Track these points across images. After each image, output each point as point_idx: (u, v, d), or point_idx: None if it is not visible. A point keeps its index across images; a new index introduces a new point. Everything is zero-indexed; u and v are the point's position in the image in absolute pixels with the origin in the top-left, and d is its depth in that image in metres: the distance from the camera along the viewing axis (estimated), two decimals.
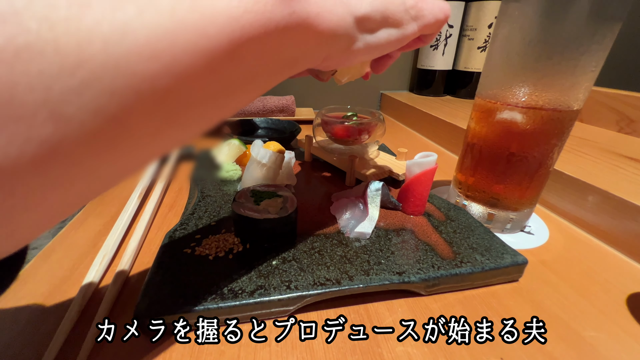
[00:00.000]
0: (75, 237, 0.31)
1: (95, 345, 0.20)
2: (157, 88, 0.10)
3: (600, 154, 0.44)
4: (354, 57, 0.18)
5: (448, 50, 0.83)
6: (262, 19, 0.12)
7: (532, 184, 0.31)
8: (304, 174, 0.44)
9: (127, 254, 0.28)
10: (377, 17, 0.17)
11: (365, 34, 0.17)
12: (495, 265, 0.26)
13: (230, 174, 0.40)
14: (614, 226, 0.32)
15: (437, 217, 0.33)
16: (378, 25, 0.18)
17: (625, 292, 0.27)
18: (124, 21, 0.09)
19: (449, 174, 0.47)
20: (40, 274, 0.27)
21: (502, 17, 0.29)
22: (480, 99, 0.32)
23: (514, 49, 0.27)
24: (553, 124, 0.28)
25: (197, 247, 0.27)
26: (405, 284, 0.24)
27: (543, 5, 0.25)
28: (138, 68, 0.10)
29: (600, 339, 0.22)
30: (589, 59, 0.25)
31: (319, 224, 0.31)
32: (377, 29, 0.18)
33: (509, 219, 0.33)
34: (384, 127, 0.44)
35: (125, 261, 0.27)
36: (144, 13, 0.09)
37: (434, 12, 0.20)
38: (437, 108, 0.72)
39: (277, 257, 0.26)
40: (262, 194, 0.30)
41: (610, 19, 0.24)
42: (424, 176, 0.32)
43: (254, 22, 0.12)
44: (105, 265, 0.27)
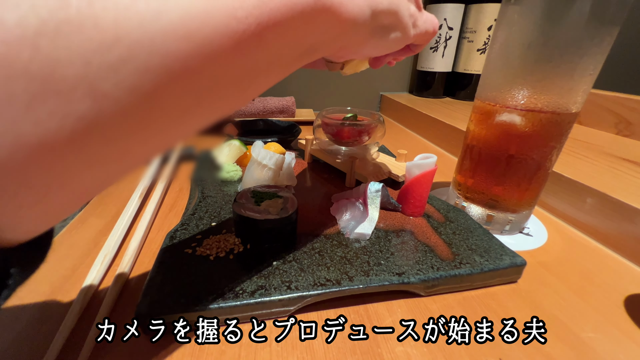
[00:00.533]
0: (76, 237, 0.32)
1: (95, 345, 0.20)
2: (188, 67, 0.10)
3: (598, 157, 0.44)
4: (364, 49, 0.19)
5: (448, 52, 0.83)
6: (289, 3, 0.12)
7: (531, 186, 0.31)
8: (304, 175, 0.45)
9: (128, 254, 0.28)
10: (389, 15, 0.18)
11: (377, 28, 0.18)
12: (494, 266, 0.26)
13: (231, 175, 0.40)
14: (612, 228, 0.33)
15: (437, 218, 0.33)
16: (388, 23, 0.19)
17: (623, 294, 0.27)
18: (158, 1, 0.09)
19: (449, 176, 0.47)
20: (40, 273, 0.27)
21: (501, 20, 0.29)
22: (479, 101, 0.32)
23: (513, 51, 0.28)
24: (552, 127, 0.28)
25: (198, 247, 0.27)
26: (404, 284, 0.24)
27: (542, 8, 0.25)
28: (172, 47, 0.10)
29: (598, 339, 0.22)
30: (588, 62, 0.26)
31: (319, 225, 0.31)
32: (387, 26, 0.19)
33: (507, 221, 0.33)
34: (384, 129, 0.44)
35: (126, 261, 0.27)
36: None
37: (426, 24, 0.22)
38: (436, 110, 0.72)
39: (277, 257, 0.26)
40: (262, 195, 0.30)
41: (608, 23, 0.25)
42: (424, 178, 0.32)
43: (282, 7, 0.12)
44: (106, 265, 0.27)
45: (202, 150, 0.49)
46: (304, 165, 0.48)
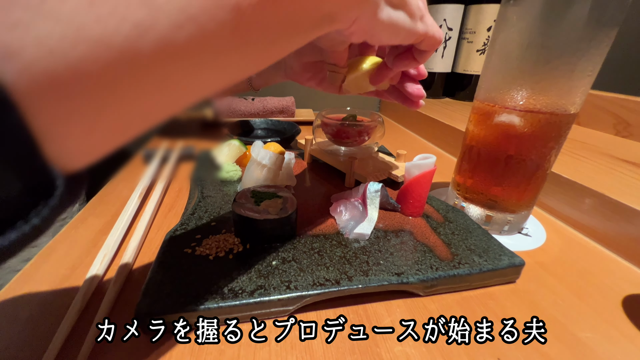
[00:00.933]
0: (76, 236, 0.32)
1: (95, 345, 0.20)
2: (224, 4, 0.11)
3: (597, 157, 0.44)
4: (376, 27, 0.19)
5: (447, 53, 0.84)
6: None
7: (530, 187, 0.32)
8: (303, 175, 0.45)
9: (128, 253, 0.28)
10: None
11: (388, 6, 0.19)
12: (493, 266, 0.26)
13: (231, 175, 0.40)
14: (610, 229, 0.33)
15: (436, 218, 0.33)
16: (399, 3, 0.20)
17: (621, 294, 0.27)
18: None
19: (448, 176, 0.48)
20: (40, 273, 0.27)
21: (500, 21, 0.29)
22: (478, 102, 0.32)
23: (513, 52, 0.28)
24: (550, 127, 0.28)
25: (197, 247, 0.27)
26: (403, 284, 0.25)
27: (541, 9, 0.26)
28: None
29: (596, 340, 0.23)
30: (586, 63, 0.26)
31: (319, 225, 0.31)
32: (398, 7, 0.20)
33: (506, 221, 0.33)
34: (383, 129, 0.44)
35: (126, 261, 0.27)
36: None
37: (434, 28, 0.23)
38: (436, 110, 0.72)
39: (276, 257, 0.26)
40: (262, 195, 0.30)
41: (607, 24, 0.25)
42: (423, 178, 0.32)
43: None
44: (105, 264, 0.27)
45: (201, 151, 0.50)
46: (303, 165, 0.48)
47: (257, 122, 0.63)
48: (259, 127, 0.63)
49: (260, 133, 0.62)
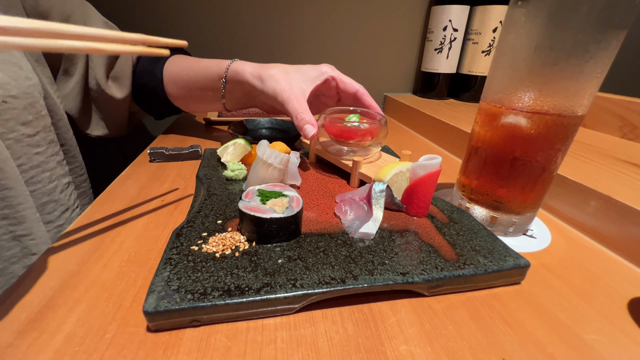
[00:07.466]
0: (78, 236, 0.32)
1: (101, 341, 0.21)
2: None
3: (603, 160, 0.44)
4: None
5: (452, 54, 0.83)
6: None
7: (536, 188, 0.31)
8: (308, 174, 0.45)
9: (133, 250, 0.29)
10: None
11: None
12: (498, 267, 0.26)
13: (236, 174, 0.40)
14: (616, 231, 0.33)
15: (441, 219, 0.33)
16: None
17: (627, 297, 0.27)
18: None
19: (453, 177, 0.48)
20: (41, 272, 0.27)
21: (508, 23, 0.29)
22: (485, 103, 0.32)
23: (520, 54, 0.28)
24: (557, 129, 0.28)
25: (203, 244, 0.27)
26: (408, 284, 0.25)
27: (549, 11, 0.25)
28: None
29: (601, 342, 0.23)
30: (594, 65, 0.26)
31: (324, 224, 0.32)
32: None
33: (511, 223, 0.33)
34: (387, 129, 0.44)
35: (131, 258, 0.28)
36: None
37: None
38: (440, 111, 0.72)
39: (282, 255, 0.27)
40: (268, 194, 0.30)
41: (615, 26, 0.25)
42: (428, 178, 0.32)
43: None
44: (111, 263, 0.28)
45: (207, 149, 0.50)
46: (308, 164, 0.48)
47: (262, 121, 0.64)
48: (264, 126, 0.63)
49: (265, 132, 0.62)
